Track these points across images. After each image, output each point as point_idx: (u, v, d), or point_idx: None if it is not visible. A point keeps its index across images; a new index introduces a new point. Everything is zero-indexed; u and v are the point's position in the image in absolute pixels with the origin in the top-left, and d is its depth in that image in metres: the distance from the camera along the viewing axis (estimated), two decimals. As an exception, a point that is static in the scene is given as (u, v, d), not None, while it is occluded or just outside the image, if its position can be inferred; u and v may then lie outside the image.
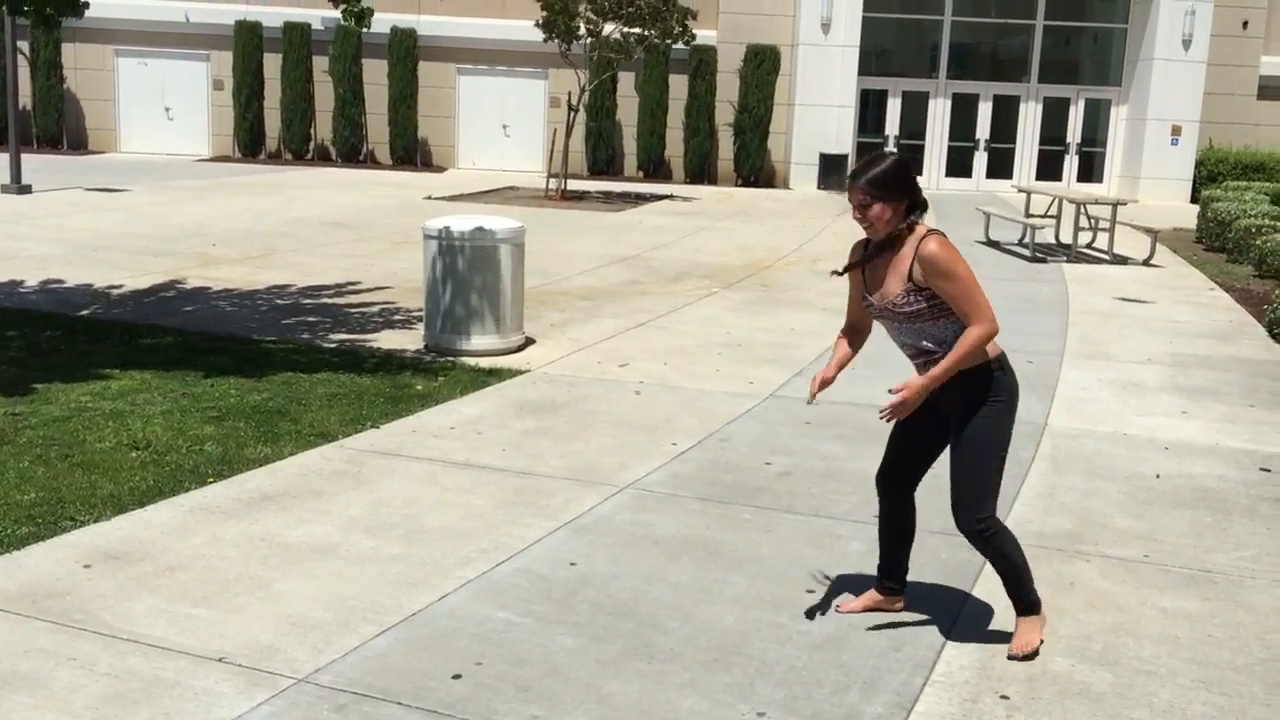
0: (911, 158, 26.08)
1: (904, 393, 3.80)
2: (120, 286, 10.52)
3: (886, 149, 4.27)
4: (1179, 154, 24.65)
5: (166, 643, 3.84)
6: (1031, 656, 3.92)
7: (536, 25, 20.70)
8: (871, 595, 4.27)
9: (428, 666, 3.75)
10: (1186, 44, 24.27)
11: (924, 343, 3.86)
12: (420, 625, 4.05)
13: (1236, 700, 3.73)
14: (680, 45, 21.33)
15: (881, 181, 3.79)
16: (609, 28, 20.52)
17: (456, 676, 3.69)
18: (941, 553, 4.88)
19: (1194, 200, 23.16)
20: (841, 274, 4.13)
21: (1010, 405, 3.86)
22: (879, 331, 4.20)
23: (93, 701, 3.46)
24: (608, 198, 21.20)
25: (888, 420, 3.89)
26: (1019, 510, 5.47)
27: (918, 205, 3.85)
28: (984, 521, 3.83)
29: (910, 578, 4.58)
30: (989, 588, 4.53)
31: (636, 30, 20.46)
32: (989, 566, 4.71)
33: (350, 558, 4.63)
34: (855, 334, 4.22)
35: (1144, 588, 4.61)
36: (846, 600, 4.32)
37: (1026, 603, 3.98)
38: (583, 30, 20.33)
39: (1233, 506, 5.65)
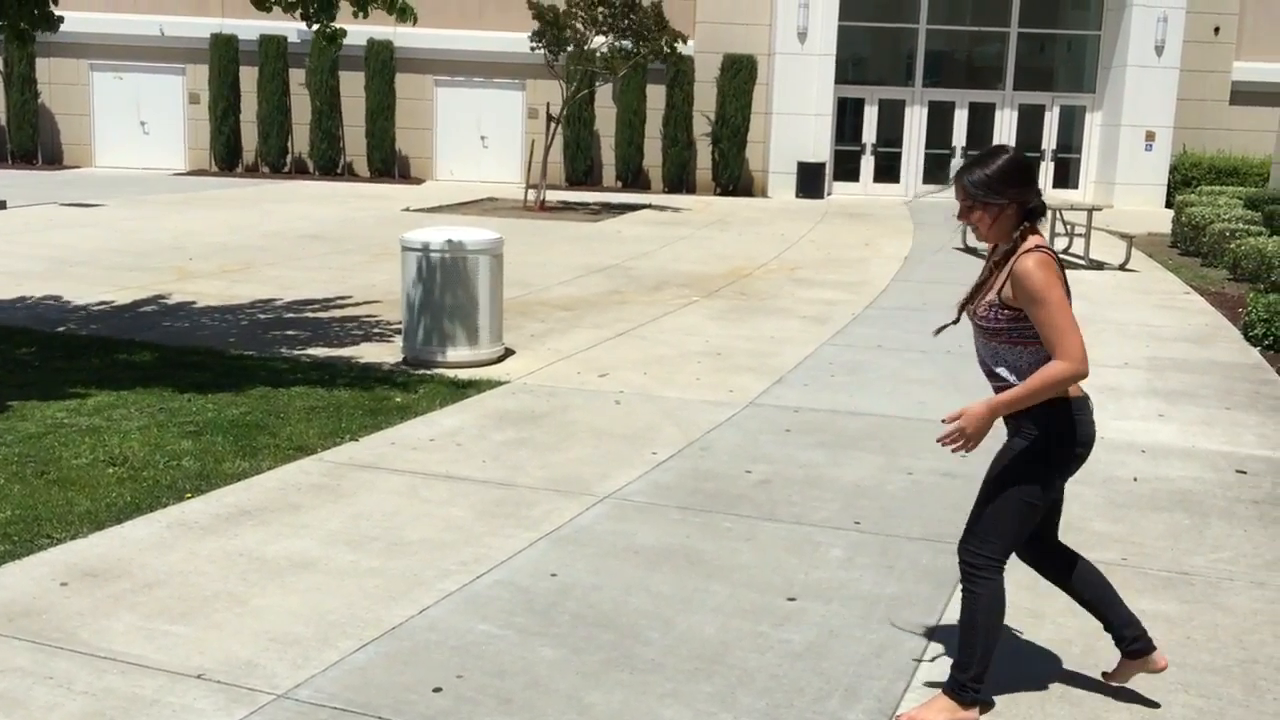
0: (886, 164, 26.23)
1: (960, 420, 3.41)
2: (96, 302, 10.46)
3: (1002, 144, 3.69)
4: (1153, 159, 24.85)
5: (144, 660, 3.81)
6: None
7: (531, 37, 20.71)
8: (1125, 663, 3.74)
9: (408, 680, 3.74)
10: (1159, 50, 24.48)
11: (998, 368, 3.48)
12: (400, 639, 4.03)
13: (1215, 702, 3.75)
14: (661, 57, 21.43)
15: (984, 183, 3.40)
16: (598, 40, 20.58)
17: (437, 690, 3.68)
18: (922, 558, 4.90)
19: (1169, 205, 23.32)
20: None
21: (1066, 458, 3.43)
22: (855, 336, 4.19)
23: (70, 720, 3.43)
24: (587, 208, 21.21)
25: (953, 450, 3.47)
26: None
27: (1032, 211, 3.43)
28: (977, 559, 3.48)
29: (891, 584, 4.59)
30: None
31: (627, 44, 20.53)
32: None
33: (329, 572, 4.60)
34: None
35: (1122, 590, 4.61)
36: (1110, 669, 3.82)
37: (957, 681, 3.51)
38: (574, 40, 20.37)
39: (1210, 509, 5.68)
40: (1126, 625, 3.68)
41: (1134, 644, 3.67)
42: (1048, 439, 3.40)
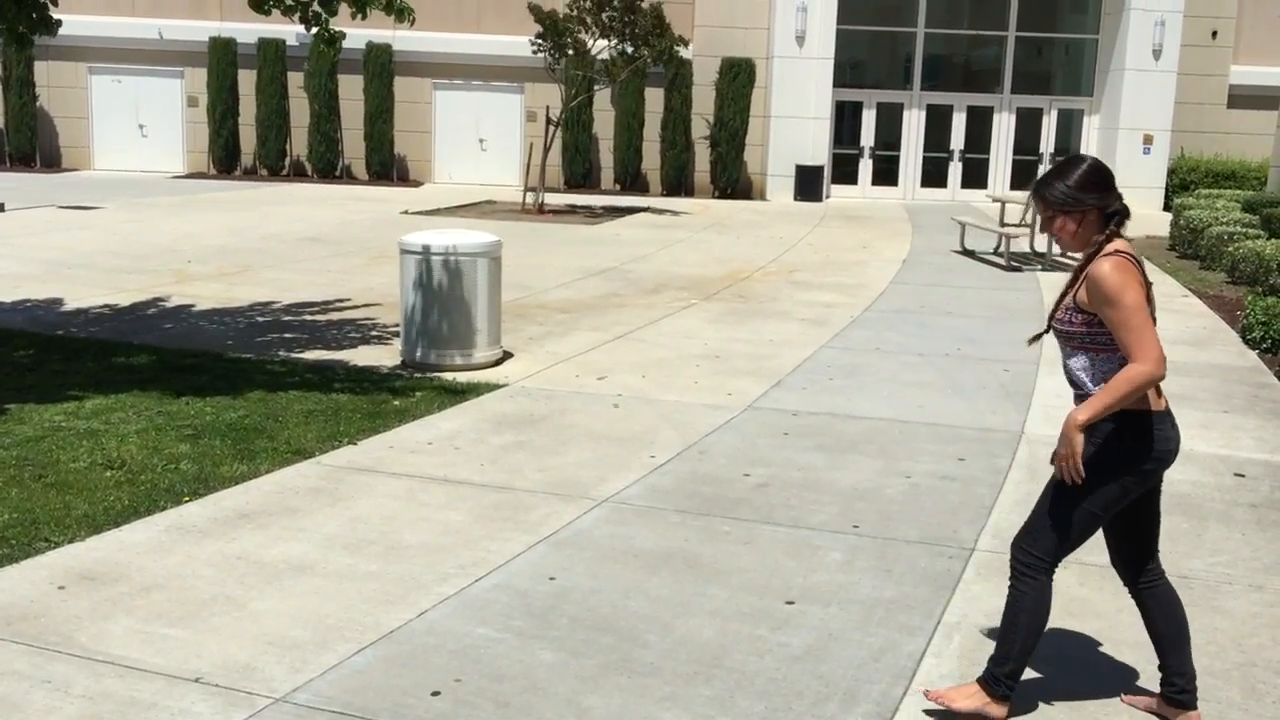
0: (885, 167, 26.25)
1: (1058, 446, 3.38)
2: (95, 304, 10.46)
3: (1080, 154, 3.73)
4: (1151, 163, 24.87)
5: (143, 664, 3.81)
6: (943, 707, 3.59)
7: (532, 40, 20.72)
8: (1160, 701, 3.68)
9: (406, 684, 3.73)
10: (1157, 54, 24.51)
11: (1077, 373, 3.47)
12: (399, 642, 4.03)
13: (1214, 705, 3.74)
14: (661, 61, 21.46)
15: (1064, 194, 3.44)
16: (600, 44, 20.59)
17: (435, 694, 3.67)
18: (920, 562, 4.89)
19: (1166, 208, 23.35)
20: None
21: (1138, 471, 3.37)
22: (854, 339, 4.18)
23: (67, 724, 3.42)
24: (585, 211, 21.21)
25: (1069, 481, 3.39)
26: (995, 519, 5.49)
27: (1114, 214, 3.46)
28: (1027, 558, 3.49)
29: (889, 588, 4.59)
30: (969, 594, 4.55)
31: (629, 48, 20.55)
32: (967, 574, 4.74)
33: (328, 575, 4.60)
34: None
35: (1121, 594, 4.61)
36: (1130, 694, 3.80)
37: (992, 674, 3.54)
38: (575, 45, 20.37)
39: (1208, 512, 5.68)
40: (1179, 675, 3.60)
41: (1179, 694, 3.61)
42: (1120, 449, 3.37)
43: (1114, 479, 3.37)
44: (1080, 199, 3.43)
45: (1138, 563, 3.62)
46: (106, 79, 26.95)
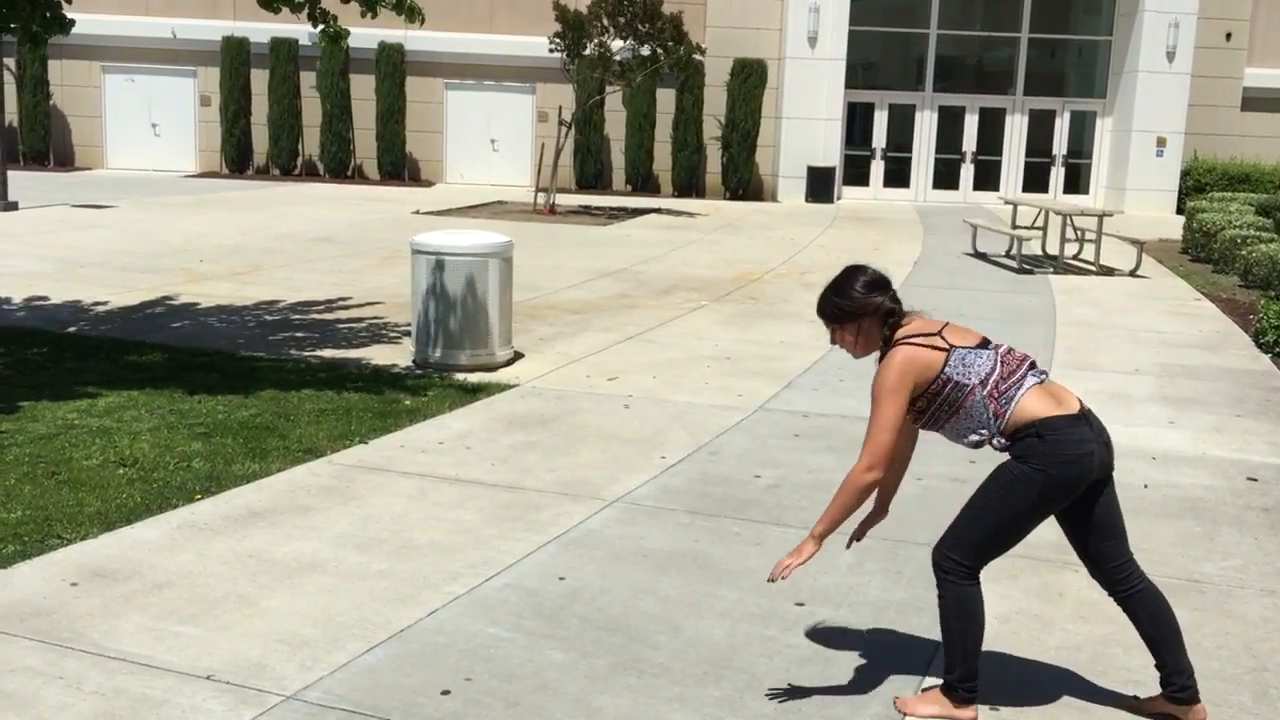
0: (896, 169, 26.21)
1: (793, 558, 3.48)
2: (107, 303, 10.50)
3: (850, 265, 3.93)
4: (1164, 165, 24.80)
5: (154, 661, 3.83)
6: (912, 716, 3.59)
7: (551, 38, 20.75)
8: (1162, 700, 3.68)
9: (417, 682, 3.74)
10: (1170, 56, 24.43)
11: (969, 437, 3.54)
12: (409, 641, 4.04)
13: (1226, 709, 3.74)
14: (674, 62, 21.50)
15: (839, 312, 3.59)
16: (617, 44, 20.61)
17: (445, 692, 3.68)
18: (930, 564, 4.88)
19: (1180, 211, 23.28)
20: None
21: (1058, 475, 3.38)
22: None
23: (80, 720, 3.44)
24: (596, 212, 21.23)
25: (771, 580, 3.51)
26: (1007, 521, 5.47)
27: (890, 314, 3.54)
28: (945, 563, 3.53)
29: (899, 590, 4.60)
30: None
31: (645, 51, 20.59)
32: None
33: (338, 574, 4.62)
34: (890, 470, 3.72)
35: (1132, 598, 4.62)
36: (1140, 699, 3.78)
37: (948, 684, 3.56)
38: (589, 49, 20.40)
39: (1220, 516, 5.67)
40: (1178, 673, 3.60)
41: (1180, 691, 3.60)
42: (1030, 456, 3.41)
43: (1030, 487, 3.41)
44: (856, 313, 3.56)
45: (1108, 569, 3.62)
46: (120, 78, 27.06)
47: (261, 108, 26.14)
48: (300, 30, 25.22)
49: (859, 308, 3.56)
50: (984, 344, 3.55)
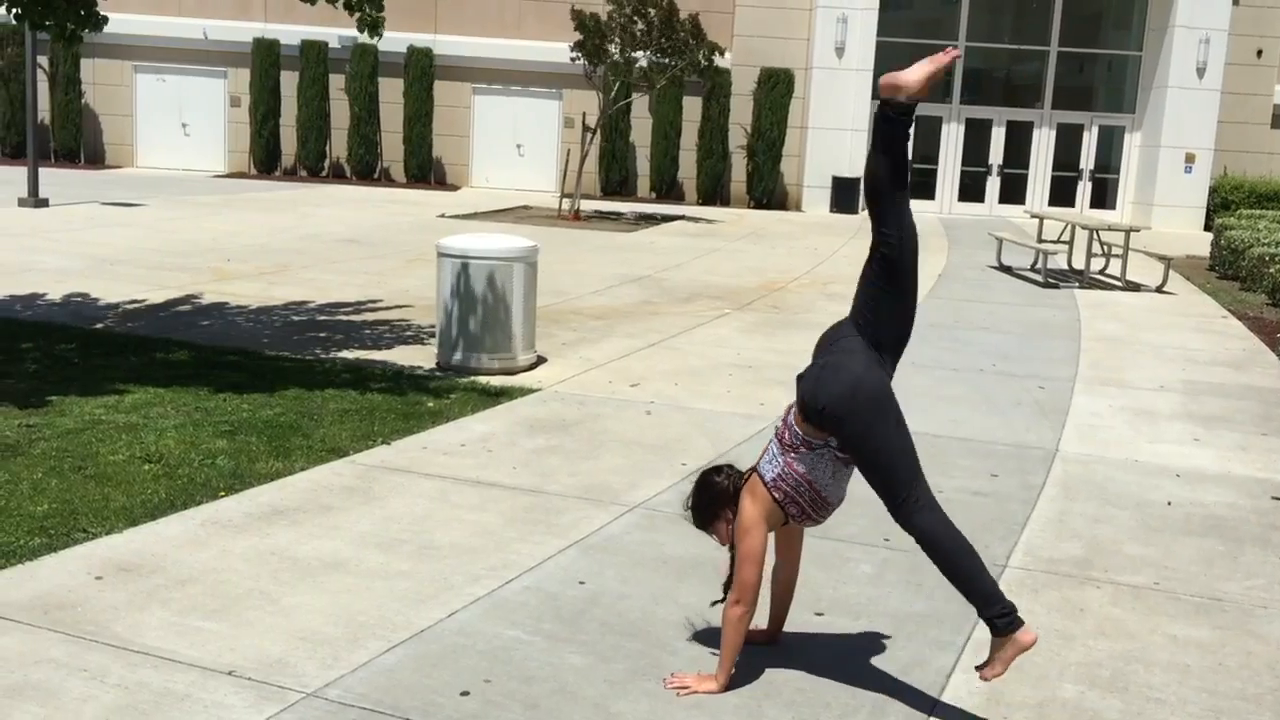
0: (921, 180, 26.16)
1: (692, 683, 3.79)
2: (136, 300, 10.59)
3: (700, 472, 4.08)
4: (1193, 181, 24.65)
5: (177, 655, 3.86)
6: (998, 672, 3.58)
7: (572, 48, 20.81)
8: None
9: (436, 683, 3.76)
10: (1200, 72, 24.29)
11: (827, 468, 3.82)
12: (429, 642, 4.06)
13: (1246, 729, 3.71)
14: (699, 70, 21.53)
15: (700, 519, 3.97)
16: (638, 54, 20.66)
17: (465, 694, 3.70)
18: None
19: (1207, 228, 23.12)
20: None
21: (885, 389, 3.75)
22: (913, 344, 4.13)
23: (103, 713, 3.47)
24: (621, 218, 21.26)
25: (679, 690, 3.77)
26: (1028, 536, 5.46)
27: (731, 493, 3.87)
28: (908, 511, 3.71)
29: (919, 602, 4.59)
30: (998, 613, 4.53)
31: (666, 60, 20.63)
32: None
33: (360, 573, 4.64)
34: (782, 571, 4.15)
35: (1154, 615, 4.60)
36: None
37: (990, 620, 3.57)
38: (614, 53, 20.45)
39: (1244, 535, 5.63)
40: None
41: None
42: (860, 394, 3.69)
43: (879, 413, 3.70)
44: (714, 515, 3.91)
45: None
46: (151, 78, 27.29)
47: (291, 109, 26.31)
48: (330, 33, 25.42)
49: (715, 502, 3.90)
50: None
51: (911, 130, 3.91)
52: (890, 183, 3.85)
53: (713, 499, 3.91)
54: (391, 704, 3.61)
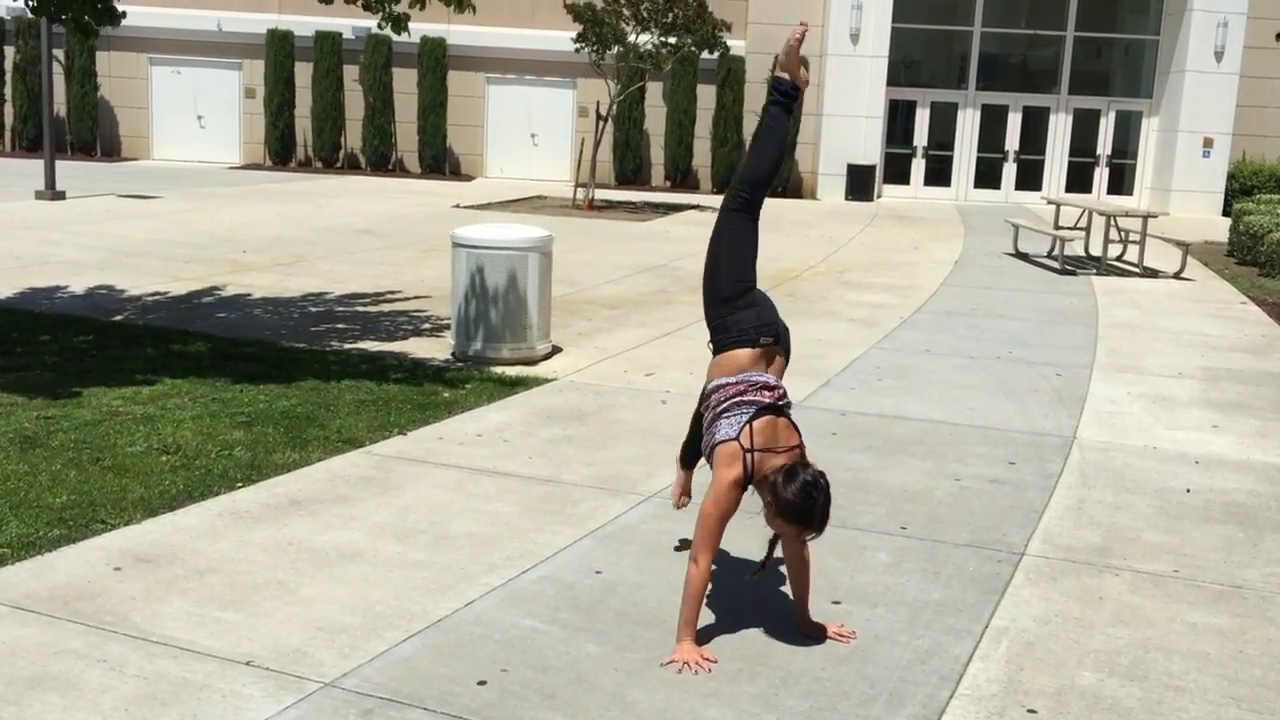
0: (937, 167, 26.04)
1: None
2: (153, 292, 10.63)
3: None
4: (1211, 166, 24.47)
5: (195, 645, 3.87)
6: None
7: (575, 39, 20.78)
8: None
9: (453, 672, 3.76)
10: (1219, 56, 24.10)
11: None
12: (446, 631, 4.06)
13: (1268, 717, 3.68)
14: (709, 55, 21.42)
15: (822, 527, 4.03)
16: (644, 37, 20.59)
17: (482, 683, 3.70)
18: (968, 565, 4.86)
19: (1226, 213, 22.96)
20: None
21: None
22: (903, 340, 4.12)
23: (122, 703, 3.49)
24: (635, 207, 21.23)
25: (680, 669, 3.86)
26: (1046, 523, 5.43)
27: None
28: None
29: (937, 590, 4.58)
30: (1018, 598, 4.52)
31: (672, 40, 20.55)
32: (1016, 578, 4.69)
33: (377, 563, 4.65)
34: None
35: (1174, 603, 4.57)
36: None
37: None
38: (616, 37, 20.39)
39: (1264, 522, 5.59)
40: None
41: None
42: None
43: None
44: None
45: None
46: (166, 70, 27.36)
47: (305, 100, 26.35)
48: (344, 24, 25.42)
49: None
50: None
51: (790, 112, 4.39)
52: (776, 164, 4.38)
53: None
54: (409, 694, 3.62)
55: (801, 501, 3.80)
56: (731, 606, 4.37)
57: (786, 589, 4.45)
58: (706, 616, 4.27)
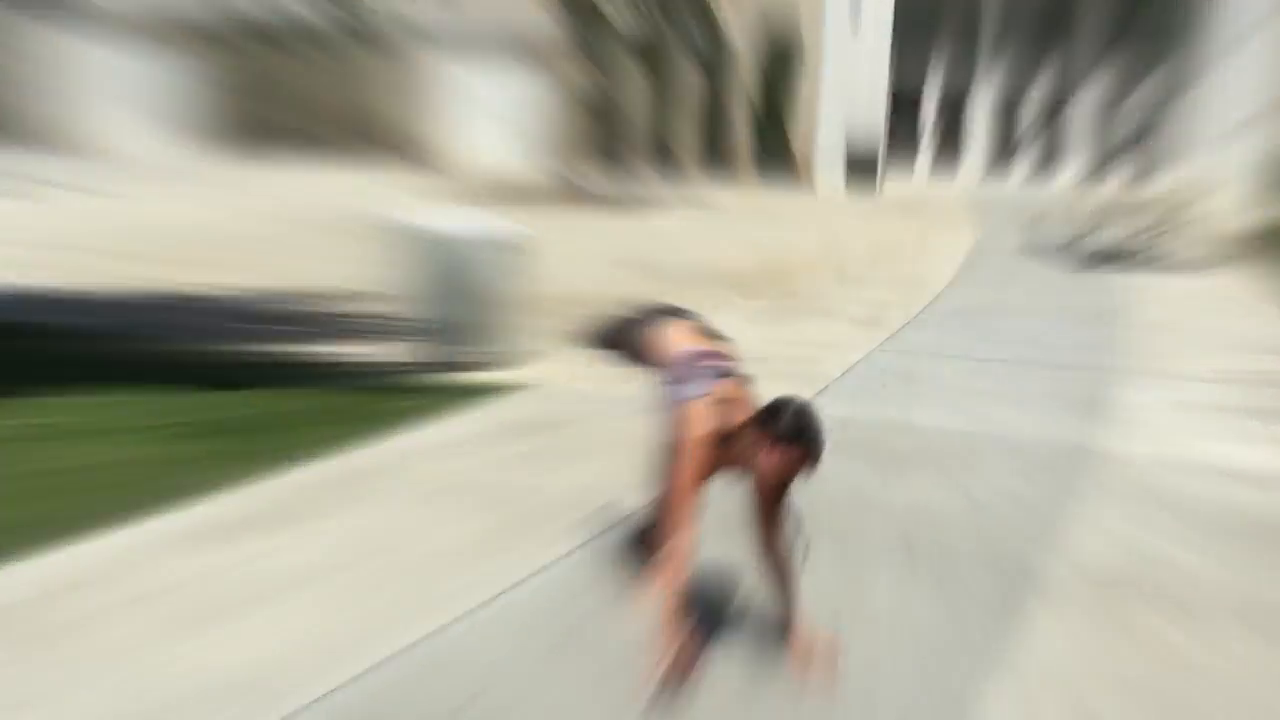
0: (950, 156, 26.20)
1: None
2: (91, 291, 10.61)
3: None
4: (1244, 157, 24.68)
5: (149, 671, 3.89)
6: None
7: (560, 22, 20.92)
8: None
9: (423, 697, 3.80)
10: (1256, 43, 24.32)
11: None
12: (416, 655, 4.10)
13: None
14: (701, 42, 21.58)
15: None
16: (630, 22, 20.75)
17: (454, 708, 3.74)
18: (979, 585, 4.91)
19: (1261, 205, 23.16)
20: None
21: None
22: (909, 342, 4.18)
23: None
24: (619, 198, 21.29)
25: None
26: (1069, 545, 5.49)
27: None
28: None
29: (944, 612, 4.62)
30: (1036, 628, 4.57)
31: (662, 24, 20.72)
32: (1030, 601, 4.75)
33: (337, 584, 4.68)
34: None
35: (1213, 635, 4.63)
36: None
37: None
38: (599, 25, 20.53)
39: (1301, 537, 5.66)
40: None
41: None
42: None
43: None
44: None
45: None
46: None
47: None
48: None
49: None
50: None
51: None
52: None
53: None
54: (374, 725, 3.65)
55: (796, 419, 3.97)
56: (724, 633, 4.41)
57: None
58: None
